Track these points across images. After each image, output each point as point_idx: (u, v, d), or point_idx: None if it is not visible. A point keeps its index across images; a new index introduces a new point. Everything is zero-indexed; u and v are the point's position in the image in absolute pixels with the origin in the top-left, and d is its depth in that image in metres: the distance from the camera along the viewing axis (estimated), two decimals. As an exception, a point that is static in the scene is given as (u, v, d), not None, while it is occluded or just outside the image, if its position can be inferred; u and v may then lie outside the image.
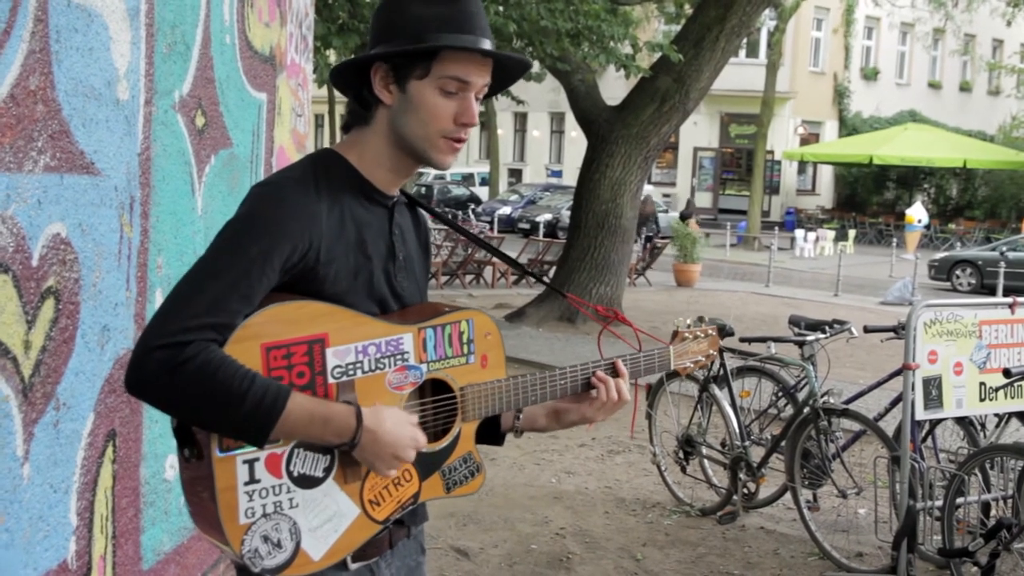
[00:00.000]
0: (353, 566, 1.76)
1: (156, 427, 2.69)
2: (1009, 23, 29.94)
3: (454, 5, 1.73)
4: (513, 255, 16.71)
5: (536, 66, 13.78)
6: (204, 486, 1.59)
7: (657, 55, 11.28)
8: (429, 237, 2.02)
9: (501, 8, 9.50)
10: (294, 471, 1.64)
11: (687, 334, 2.24)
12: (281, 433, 1.58)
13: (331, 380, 1.66)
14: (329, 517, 1.68)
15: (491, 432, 2.02)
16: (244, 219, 1.65)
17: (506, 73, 1.85)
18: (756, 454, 5.53)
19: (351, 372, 1.68)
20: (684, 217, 22.67)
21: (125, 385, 1.55)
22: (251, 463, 1.59)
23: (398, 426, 1.67)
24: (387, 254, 1.82)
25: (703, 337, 2.27)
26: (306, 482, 1.65)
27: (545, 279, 2.65)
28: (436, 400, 1.84)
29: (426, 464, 1.78)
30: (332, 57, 10.41)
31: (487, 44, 1.74)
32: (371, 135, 1.79)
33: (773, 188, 33.57)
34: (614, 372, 2.02)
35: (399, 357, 1.75)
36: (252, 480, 1.60)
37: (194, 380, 1.50)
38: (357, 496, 1.71)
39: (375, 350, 1.71)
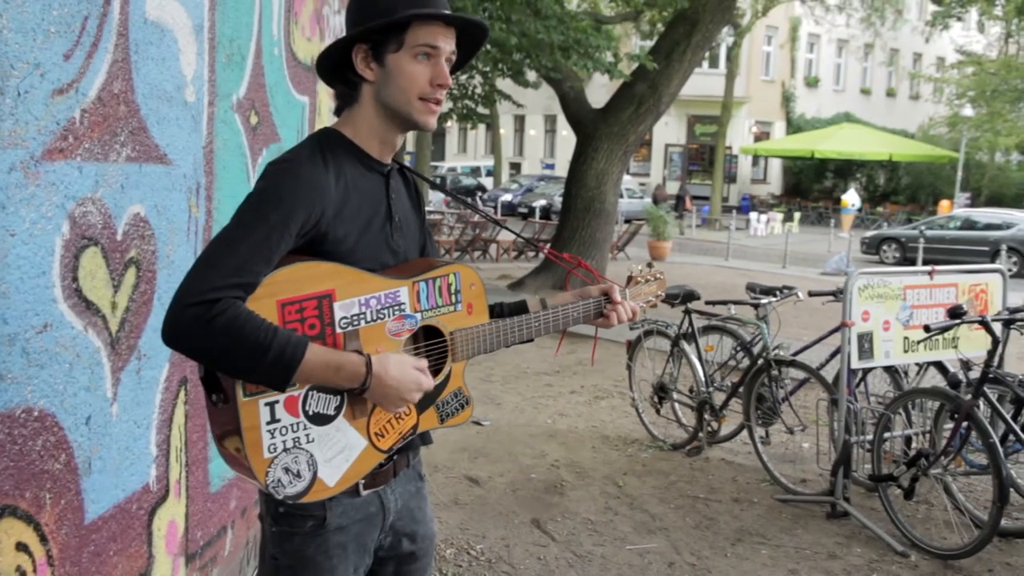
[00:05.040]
0: (364, 492, 1.74)
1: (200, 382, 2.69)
2: (927, 40, 29.78)
3: None
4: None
5: (533, 76, 13.70)
6: (231, 427, 1.55)
7: (635, 65, 11.22)
8: (421, 199, 1.95)
9: (504, 25, 9.41)
10: (309, 410, 1.59)
11: (640, 278, 2.23)
12: (300, 378, 1.53)
13: (339, 330, 1.61)
14: (341, 449, 1.64)
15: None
16: (264, 192, 1.59)
17: (471, 40, 1.79)
18: (718, 398, 5.55)
19: (356, 322, 1.64)
20: (680, 198, 23.53)
21: (163, 338, 1.48)
22: (272, 405, 1.55)
23: (403, 371, 1.62)
24: (385, 216, 1.76)
25: (652, 280, 2.25)
26: (320, 420, 1.61)
27: (534, 242, 2.64)
28: (429, 343, 1.80)
29: (423, 399, 1.74)
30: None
31: (448, 11, 1.70)
32: (360, 111, 1.73)
33: (731, 178, 33.44)
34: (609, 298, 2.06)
35: (397, 308, 1.71)
36: (273, 420, 1.55)
37: (224, 333, 1.44)
38: (364, 430, 1.67)
39: (376, 302, 1.67)
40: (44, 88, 1.74)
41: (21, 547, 1.75)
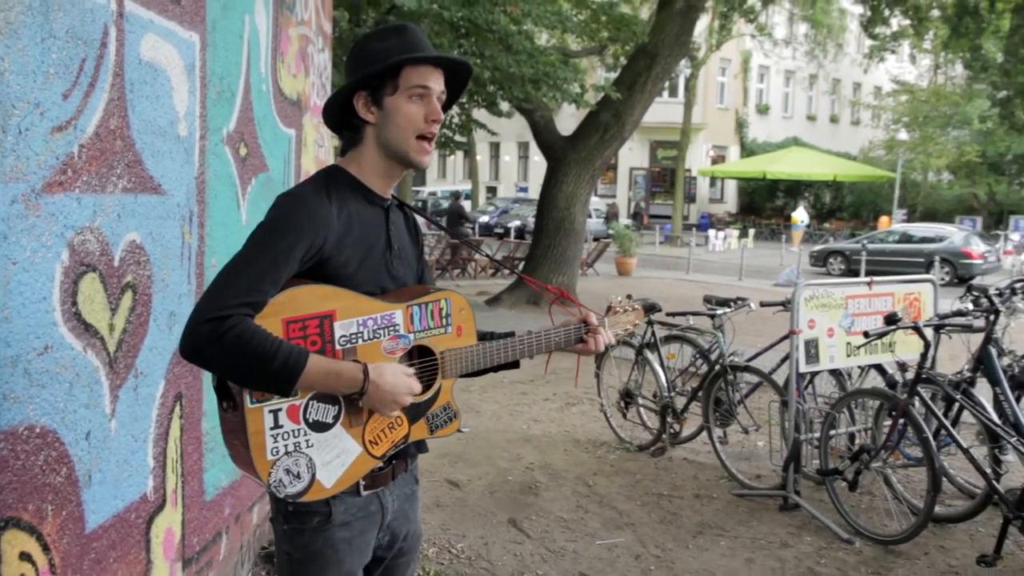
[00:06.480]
0: (365, 493, 1.76)
1: (214, 391, 2.67)
2: (865, 71, 30.29)
3: (405, 36, 1.75)
4: (491, 253, 16.66)
5: (506, 106, 13.74)
6: (239, 431, 1.58)
7: (600, 95, 11.30)
8: (419, 232, 1.99)
9: (479, 60, 9.45)
10: (309, 418, 1.62)
11: (619, 308, 2.22)
12: (303, 385, 1.56)
13: (338, 347, 1.64)
14: (338, 454, 1.66)
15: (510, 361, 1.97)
16: (274, 221, 1.63)
17: (457, 80, 1.84)
18: (680, 402, 5.57)
19: (354, 341, 1.66)
20: (636, 214, 24.34)
21: (180, 352, 1.52)
22: (275, 412, 1.58)
23: (396, 378, 1.66)
24: (385, 244, 1.79)
25: (631, 310, 2.25)
26: (319, 427, 1.64)
27: (516, 270, 2.62)
28: (421, 362, 1.82)
29: (414, 412, 1.77)
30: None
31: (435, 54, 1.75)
32: (364, 151, 1.78)
33: (691, 198, 33.62)
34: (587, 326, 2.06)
35: (392, 328, 1.73)
36: (276, 425, 1.59)
37: (235, 345, 1.49)
38: (360, 437, 1.70)
39: (373, 323, 1.70)
40: (44, 126, 1.74)
41: (24, 557, 1.73)
